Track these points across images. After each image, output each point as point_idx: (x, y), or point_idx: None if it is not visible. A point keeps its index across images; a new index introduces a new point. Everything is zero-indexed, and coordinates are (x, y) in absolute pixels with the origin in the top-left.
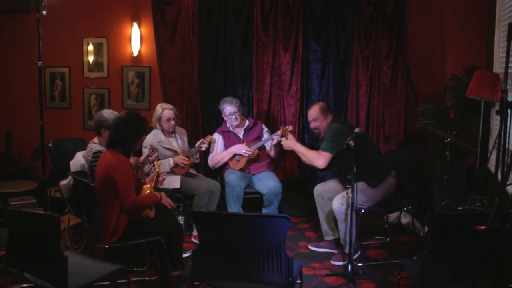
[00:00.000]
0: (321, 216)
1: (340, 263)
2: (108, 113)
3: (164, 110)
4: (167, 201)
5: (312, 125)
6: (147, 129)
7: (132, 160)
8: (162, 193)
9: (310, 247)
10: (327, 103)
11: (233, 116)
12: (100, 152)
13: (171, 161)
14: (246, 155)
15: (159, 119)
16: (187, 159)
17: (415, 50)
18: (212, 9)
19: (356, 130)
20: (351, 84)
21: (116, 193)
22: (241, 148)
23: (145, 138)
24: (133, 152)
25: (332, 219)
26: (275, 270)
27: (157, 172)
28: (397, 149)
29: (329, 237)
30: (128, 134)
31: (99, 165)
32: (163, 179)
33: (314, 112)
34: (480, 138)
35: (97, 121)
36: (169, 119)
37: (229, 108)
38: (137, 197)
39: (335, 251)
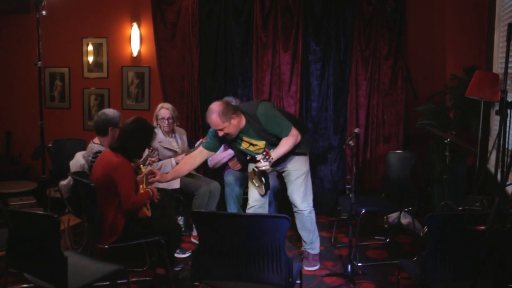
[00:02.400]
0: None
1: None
2: (112, 112)
3: (162, 109)
4: (155, 195)
5: (220, 134)
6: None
7: None
8: (153, 187)
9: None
10: (224, 101)
11: None
12: (100, 152)
13: (173, 161)
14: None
15: (156, 117)
16: None
17: (415, 50)
18: (212, 9)
19: (356, 130)
20: (351, 84)
21: (115, 193)
22: None
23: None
24: (137, 159)
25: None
26: (274, 270)
27: (145, 174)
28: (397, 149)
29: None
30: (135, 142)
31: (98, 164)
32: (153, 181)
33: (215, 122)
34: (480, 138)
35: (102, 120)
36: (163, 118)
37: None
38: (135, 196)
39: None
